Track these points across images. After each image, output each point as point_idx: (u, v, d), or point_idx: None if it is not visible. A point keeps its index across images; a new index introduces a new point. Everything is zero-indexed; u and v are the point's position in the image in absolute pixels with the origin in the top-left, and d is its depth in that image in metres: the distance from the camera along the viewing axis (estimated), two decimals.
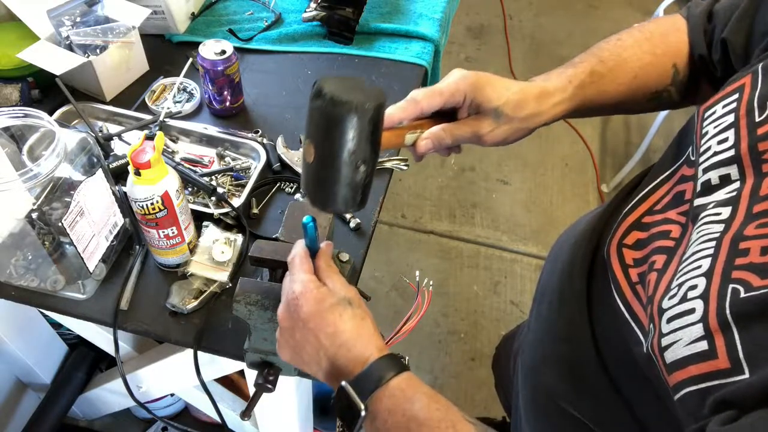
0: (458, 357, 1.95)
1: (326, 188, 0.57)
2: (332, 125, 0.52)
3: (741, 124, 0.53)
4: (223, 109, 1.14)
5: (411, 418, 0.53)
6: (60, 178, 0.76)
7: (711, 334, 0.45)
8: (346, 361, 0.57)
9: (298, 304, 0.59)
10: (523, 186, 2.44)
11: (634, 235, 0.62)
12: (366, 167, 0.55)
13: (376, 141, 0.55)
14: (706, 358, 0.45)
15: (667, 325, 0.50)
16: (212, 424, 1.57)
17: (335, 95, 0.51)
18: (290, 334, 0.61)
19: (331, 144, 0.53)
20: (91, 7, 1.16)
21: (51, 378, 1.40)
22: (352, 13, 1.29)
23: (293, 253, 0.64)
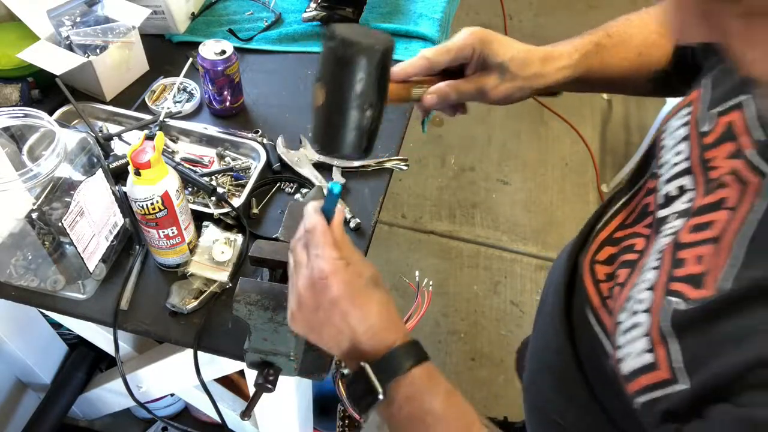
0: (458, 357, 1.95)
1: (334, 131, 0.59)
2: (342, 65, 0.55)
3: (692, 136, 0.55)
4: (223, 109, 1.14)
5: (428, 411, 0.53)
6: (60, 178, 0.76)
7: (654, 346, 0.47)
8: (370, 345, 0.56)
9: (327, 284, 0.55)
10: (523, 186, 2.44)
11: (606, 250, 0.63)
12: (372, 111, 0.58)
13: (383, 86, 0.58)
14: (651, 369, 0.47)
15: (621, 338, 0.52)
16: (212, 424, 1.57)
17: (346, 37, 0.54)
18: (312, 313, 0.57)
19: (340, 85, 0.56)
20: (91, 7, 1.15)
21: (51, 378, 1.40)
22: (352, 13, 1.29)
23: (312, 223, 0.58)
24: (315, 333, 0.59)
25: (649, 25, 0.72)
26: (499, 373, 1.90)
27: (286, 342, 0.71)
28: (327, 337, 0.58)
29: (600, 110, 2.76)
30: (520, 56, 0.66)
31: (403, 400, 0.54)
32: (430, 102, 0.68)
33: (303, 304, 0.57)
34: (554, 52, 0.68)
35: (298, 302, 0.58)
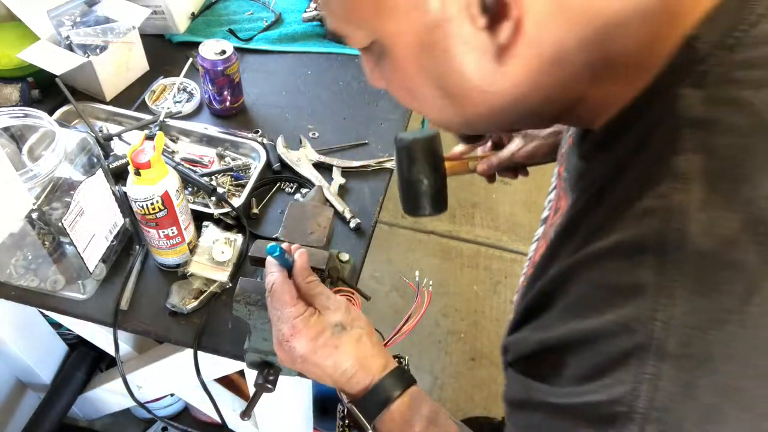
0: (458, 357, 1.95)
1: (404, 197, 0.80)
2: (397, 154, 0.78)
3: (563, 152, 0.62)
4: (223, 109, 1.14)
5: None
6: (60, 178, 0.75)
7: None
8: (349, 387, 0.60)
9: (291, 346, 0.59)
10: (523, 186, 2.44)
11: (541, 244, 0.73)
12: (427, 180, 0.76)
13: (429, 161, 0.76)
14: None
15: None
16: (212, 424, 1.57)
17: (398, 136, 0.77)
18: (292, 365, 0.61)
19: (399, 166, 0.78)
20: (91, 7, 1.16)
21: (51, 378, 1.39)
22: None
23: (271, 279, 0.62)
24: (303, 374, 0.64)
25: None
26: (499, 373, 1.90)
27: None
28: (316, 378, 0.62)
29: None
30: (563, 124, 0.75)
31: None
32: (481, 169, 0.86)
33: (283, 359, 0.62)
34: None
35: (280, 356, 0.62)
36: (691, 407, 0.34)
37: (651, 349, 0.35)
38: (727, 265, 0.34)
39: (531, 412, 0.44)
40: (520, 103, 0.46)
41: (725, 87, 0.38)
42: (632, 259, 0.37)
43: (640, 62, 0.42)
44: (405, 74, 0.47)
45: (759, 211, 0.34)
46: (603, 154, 0.47)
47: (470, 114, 0.48)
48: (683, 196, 0.36)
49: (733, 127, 0.37)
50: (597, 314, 0.39)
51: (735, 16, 0.38)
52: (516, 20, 0.40)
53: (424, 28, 0.42)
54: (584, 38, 0.41)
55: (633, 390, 0.35)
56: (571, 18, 0.40)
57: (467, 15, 0.40)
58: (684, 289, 0.35)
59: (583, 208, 0.46)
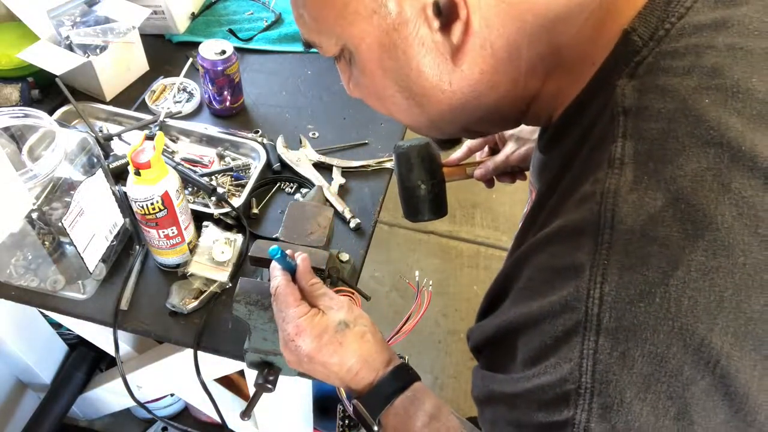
0: (458, 357, 1.95)
1: (405, 203, 0.83)
2: (396, 162, 0.82)
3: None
4: (223, 109, 1.14)
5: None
6: (60, 178, 0.75)
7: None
8: (355, 383, 0.60)
9: (296, 344, 0.60)
10: (523, 186, 2.43)
11: None
12: (425, 186, 0.80)
13: (426, 167, 0.80)
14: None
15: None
16: (212, 424, 1.57)
17: (396, 144, 0.82)
18: (298, 365, 0.62)
19: (399, 173, 0.82)
20: (91, 7, 1.16)
21: (51, 378, 1.39)
22: None
23: (274, 285, 0.64)
24: (310, 376, 0.66)
25: None
26: None
27: None
28: (321, 378, 0.63)
29: None
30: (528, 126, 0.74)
31: (392, 429, 0.58)
32: (478, 174, 0.87)
33: (289, 360, 0.63)
34: None
35: (286, 357, 0.63)
36: (629, 378, 0.36)
37: (589, 325, 0.37)
38: (652, 240, 0.36)
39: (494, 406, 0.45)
40: (478, 102, 0.49)
41: (654, 75, 0.40)
42: (571, 241, 0.40)
43: (585, 55, 0.44)
44: (372, 78, 0.49)
45: (680, 189, 0.36)
46: (557, 147, 0.50)
47: (434, 114, 0.51)
48: (616, 179, 0.39)
49: (659, 112, 0.39)
50: (541, 297, 0.41)
51: (665, 10, 0.41)
52: (465, 20, 0.42)
53: (384, 31, 0.45)
54: (532, 34, 0.44)
55: (579, 366, 0.37)
56: (517, 15, 0.43)
57: (423, 17, 0.43)
58: (615, 266, 0.37)
59: (541, 198, 0.49)
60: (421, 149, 0.80)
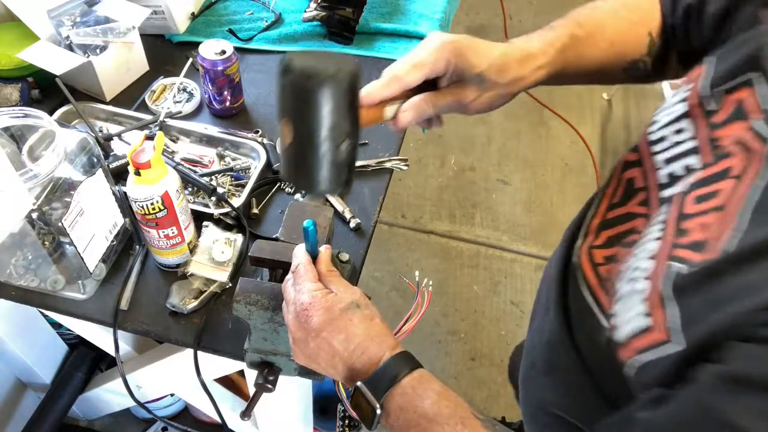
0: (458, 357, 1.95)
1: (308, 170, 0.53)
2: (307, 99, 0.49)
3: (695, 114, 0.54)
4: (223, 109, 1.14)
5: (421, 415, 0.55)
6: (60, 178, 0.75)
7: (651, 310, 0.47)
8: (361, 363, 0.59)
9: (308, 315, 0.60)
10: (523, 186, 2.44)
11: (604, 234, 0.63)
12: (348, 143, 0.53)
13: (355, 113, 0.53)
14: (646, 332, 0.47)
15: (616, 306, 0.52)
16: (212, 424, 1.57)
17: (305, 67, 0.48)
18: (304, 344, 0.61)
19: (308, 121, 0.50)
20: (91, 7, 1.15)
21: (51, 378, 1.40)
22: (352, 13, 1.29)
23: (297, 261, 0.65)
24: (314, 362, 0.63)
25: (619, 11, 0.69)
26: (499, 373, 1.90)
27: (286, 342, 0.71)
28: (324, 364, 0.61)
29: (600, 110, 2.76)
30: (497, 63, 0.61)
31: (397, 410, 0.56)
32: (405, 120, 0.62)
33: (296, 339, 0.62)
34: (532, 49, 0.63)
35: (293, 337, 0.62)
36: None
37: None
38: None
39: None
40: None
41: None
42: None
43: None
44: None
45: None
46: None
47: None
48: None
49: None
50: None
51: None
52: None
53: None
54: None
55: None
56: None
57: None
58: None
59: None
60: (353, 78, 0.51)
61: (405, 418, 0.56)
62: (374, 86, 0.60)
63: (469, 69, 0.60)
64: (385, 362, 0.58)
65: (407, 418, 0.55)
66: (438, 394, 0.56)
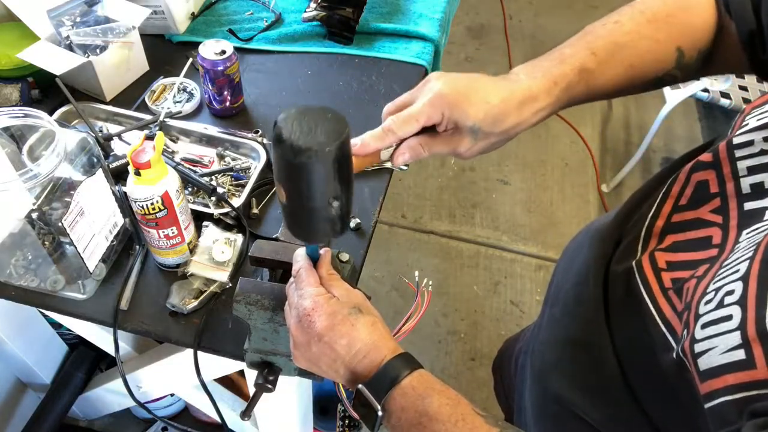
0: (458, 357, 1.95)
1: (303, 225, 0.59)
2: (296, 172, 0.53)
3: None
4: (223, 109, 1.14)
5: (422, 413, 0.55)
6: (60, 178, 0.75)
7: (749, 343, 0.43)
8: (363, 366, 0.59)
9: (311, 320, 0.60)
10: (523, 186, 2.44)
11: (669, 238, 0.59)
12: (339, 201, 0.56)
13: (344, 176, 0.55)
14: (744, 368, 0.43)
15: (701, 331, 0.48)
16: (212, 424, 1.57)
17: (295, 142, 0.51)
18: (306, 348, 0.62)
19: (299, 188, 0.54)
20: (91, 7, 1.15)
21: (51, 378, 1.40)
22: (352, 13, 1.29)
23: (297, 266, 0.65)
24: (315, 366, 0.63)
25: (643, 29, 0.65)
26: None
27: (286, 342, 0.71)
28: (325, 368, 0.62)
29: (600, 110, 2.76)
30: (493, 113, 0.61)
31: (398, 410, 0.56)
32: (400, 161, 0.65)
33: (298, 343, 0.62)
34: (533, 90, 0.62)
35: (294, 342, 0.62)
36: None
37: None
38: None
39: None
40: None
41: None
42: None
43: None
44: None
45: None
46: None
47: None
48: None
49: None
50: None
51: None
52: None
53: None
54: None
55: None
56: None
57: None
58: None
59: None
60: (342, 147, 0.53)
61: (406, 418, 0.56)
62: (369, 137, 0.63)
63: (464, 120, 0.61)
64: (385, 364, 0.58)
65: (408, 418, 0.56)
66: (439, 393, 0.56)
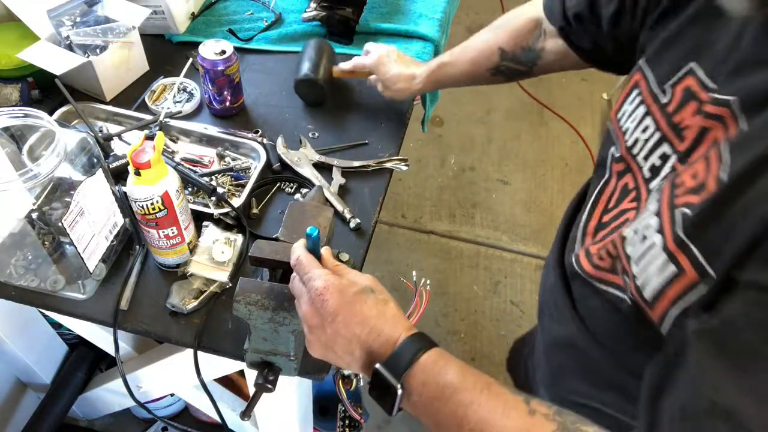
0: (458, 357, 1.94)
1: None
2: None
3: (652, 110, 0.62)
4: (223, 109, 1.14)
5: (445, 385, 0.55)
6: (60, 178, 0.75)
7: (674, 256, 0.50)
8: (378, 345, 0.58)
9: (323, 299, 0.59)
10: (523, 186, 2.44)
11: (600, 234, 0.68)
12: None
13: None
14: (678, 277, 0.50)
15: (636, 267, 0.55)
16: (212, 424, 1.57)
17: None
18: (321, 331, 0.60)
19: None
20: (91, 7, 1.16)
21: (51, 378, 1.40)
22: (352, 13, 1.29)
23: (297, 255, 0.64)
24: (331, 351, 0.62)
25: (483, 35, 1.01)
26: (499, 373, 1.90)
27: (286, 342, 0.71)
28: (341, 351, 0.60)
29: (600, 110, 2.76)
30: (391, 77, 1.08)
31: (420, 386, 0.55)
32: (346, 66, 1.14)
33: (312, 327, 0.61)
34: (414, 72, 1.06)
35: (308, 327, 0.61)
36: None
37: None
38: None
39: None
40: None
41: None
42: None
43: None
44: None
45: None
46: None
47: None
48: None
49: None
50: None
51: None
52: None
53: None
54: None
55: None
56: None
57: None
58: None
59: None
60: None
61: (428, 393, 0.55)
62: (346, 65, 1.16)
63: (378, 74, 1.11)
64: (402, 342, 0.57)
65: (430, 392, 0.55)
66: (460, 367, 0.56)
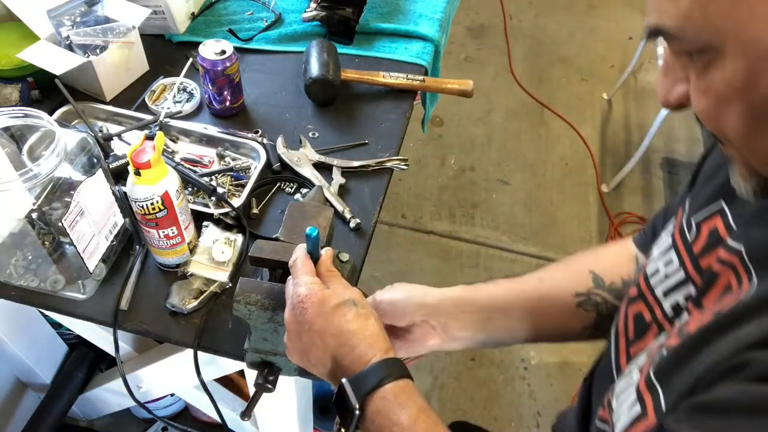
0: (458, 357, 1.95)
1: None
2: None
3: (679, 245, 0.59)
4: (223, 109, 1.14)
5: (395, 423, 0.54)
6: (60, 178, 0.75)
7: (642, 397, 0.49)
8: (349, 360, 0.58)
9: (303, 306, 0.60)
10: (523, 186, 2.44)
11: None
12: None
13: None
14: (640, 419, 0.48)
15: (615, 402, 0.55)
16: (212, 424, 1.57)
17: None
18: (297, 338, 0.61)
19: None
20: (91, 7, 1.16)
21: (51, 378, 1.40)
22: (352, 13, 1.29)
23: (294, 257, 0.66)
24: (305, 358, 0.62)
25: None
26: (499, 373, 1.90)
27: None
28: (314, 360, 0.61)
29: (600, 110, 2.76)
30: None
31: (374, 413, 0.55)
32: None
33: (290, 332, 0.62)
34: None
35: (287, 332, 0.62)
36: None
37: None
38: None
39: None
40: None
41: None
42: None
43: None
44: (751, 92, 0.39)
45: None
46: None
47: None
48: None
49: None
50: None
51: None
52: None
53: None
54: None
55: None
56: None
57: None
58: None
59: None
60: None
61: (379, 423, 0.54)
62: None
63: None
64: (372, 364, 0.56)
65: (381, 424, 0.54)
66: (418, 409, 0.54)
